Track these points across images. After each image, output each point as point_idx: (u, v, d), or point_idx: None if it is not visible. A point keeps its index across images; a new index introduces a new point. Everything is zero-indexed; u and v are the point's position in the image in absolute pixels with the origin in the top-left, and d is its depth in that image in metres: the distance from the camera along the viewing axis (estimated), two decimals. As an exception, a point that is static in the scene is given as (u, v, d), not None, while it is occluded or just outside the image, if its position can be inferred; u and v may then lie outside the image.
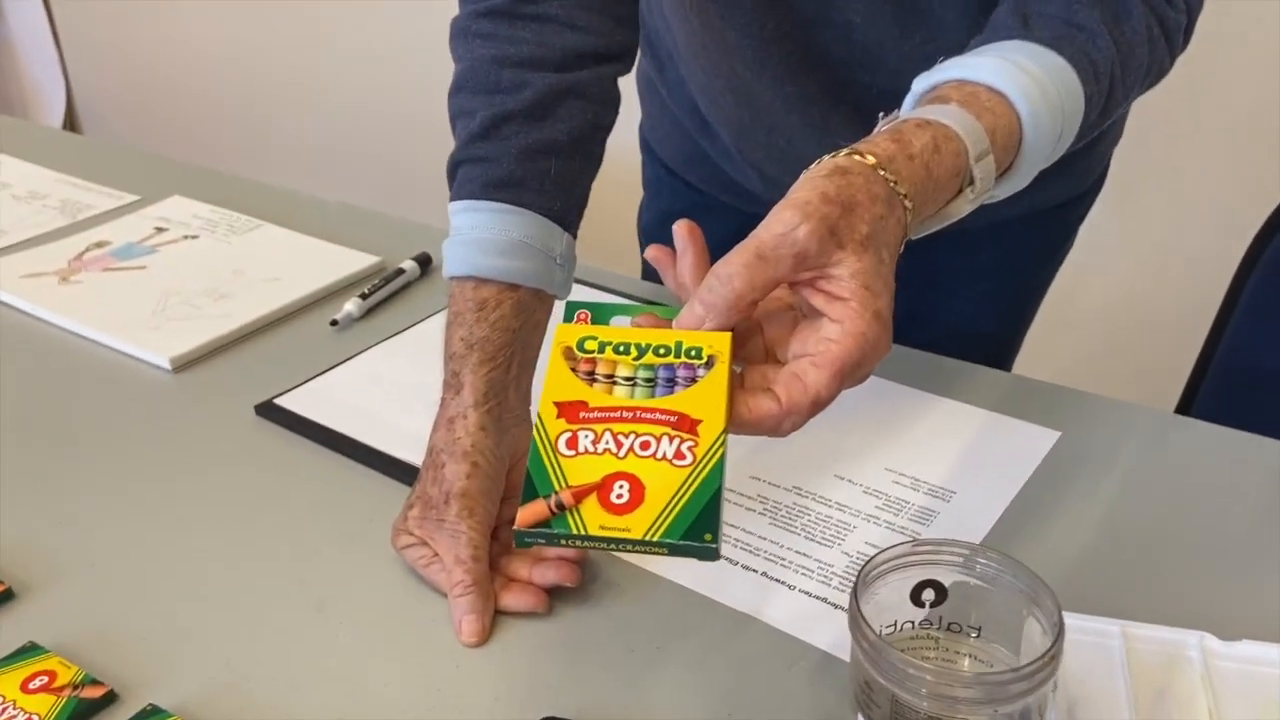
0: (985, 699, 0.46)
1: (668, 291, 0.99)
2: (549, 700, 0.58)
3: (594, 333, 0.51)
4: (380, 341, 0.91)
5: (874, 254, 0.49)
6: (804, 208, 0.48)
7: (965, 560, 0.53)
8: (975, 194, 0.55)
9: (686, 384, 0.49)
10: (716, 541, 0.44)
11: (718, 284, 0.48)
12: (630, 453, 0.47)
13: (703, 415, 0.47)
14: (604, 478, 0.46)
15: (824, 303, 0.49)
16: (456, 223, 0.67)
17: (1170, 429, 0.78)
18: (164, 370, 0.89)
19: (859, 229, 0.48)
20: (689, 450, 0.46)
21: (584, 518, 0.45)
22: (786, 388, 0.48)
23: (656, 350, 0.50)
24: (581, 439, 0.47)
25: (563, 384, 0.49)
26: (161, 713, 0.57)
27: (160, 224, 1.14)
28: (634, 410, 0.48)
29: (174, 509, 0.73)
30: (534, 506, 0.45)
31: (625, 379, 0.50)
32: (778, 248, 0.48)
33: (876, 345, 0.48)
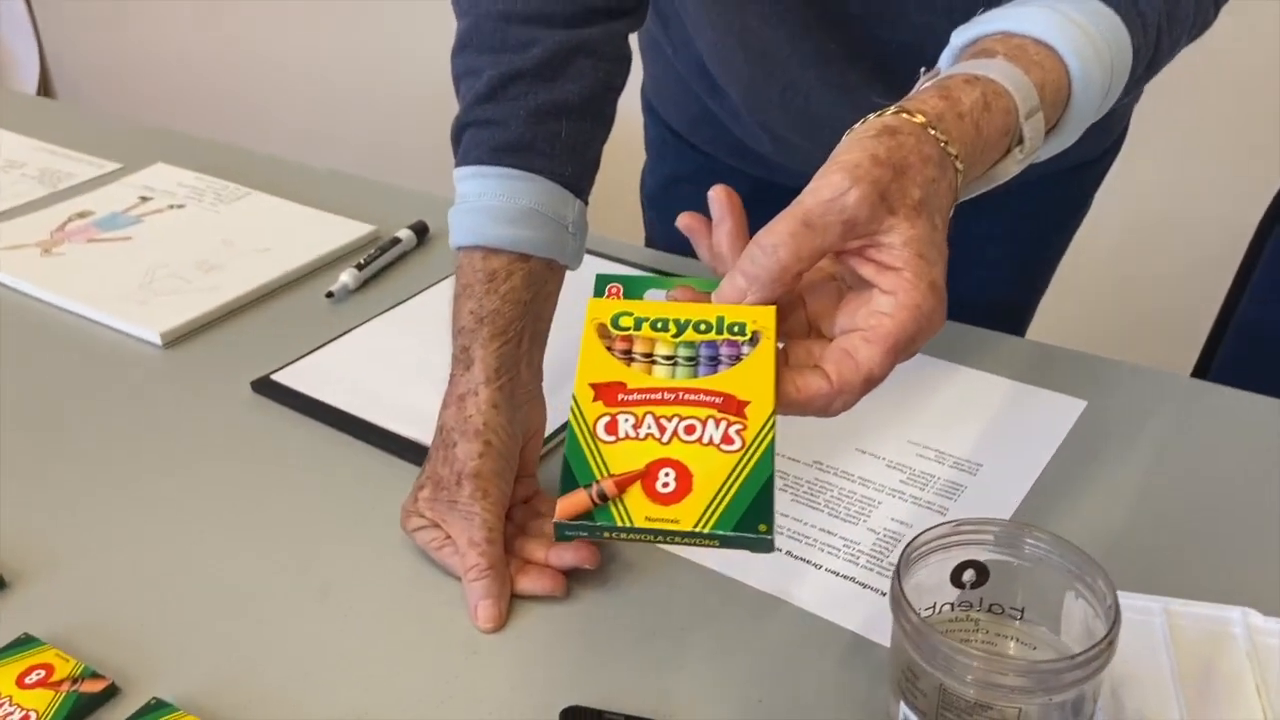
0: (1039, 687, 0.44)
1: (675, 260, 0.97)
2: (569, 689, 0.56)
3: (629, 308, 0.48)
4: (378, 314, 0.88)
5: (927, 220, 0.46)
6: (853, 171, 0.45)
7: (1011, 540, 0.50)
8: (1024, 154, 0.52)
9: (730, 362, 0.46)
10: (771, 533, 0.42)
11: (761, 255, 0.45)
12: (674, 437, 0.44)
13: (750, 396, 0.45)
14: (648, 465, 0.43)
15: (874, 273, 0.46)
16: (463, 190, 0.64)
17: (1199, 395, 0.76)
18: (154, 346, 0.86)
19: (911, 193, 0.45)
20: (737, 434, 0.44)
21: (628, 508, 0.42)
22: (837, 365, 0.45)
23: (697, 326, 0.47)
24: (621, 423, 0.44)
25: (598, 364, 0.46)
26: (166, 706, 0.55)
27: (144, 193, 1.10)
28: (676, 391, 0.45)
29: (170, 492, 0.70)
30: (574, 497, 0.42)
31: (665, 358, 0.47)
32: (825, 214, 0.45)
33: (932, 318, 0.45)
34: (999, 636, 0.52)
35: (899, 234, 0.45)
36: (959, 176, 0.48)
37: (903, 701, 0.48)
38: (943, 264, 0.46)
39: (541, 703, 0.55)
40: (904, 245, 0.45)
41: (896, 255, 0.45)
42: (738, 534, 0.41)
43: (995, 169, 0.52)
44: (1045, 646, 0.52)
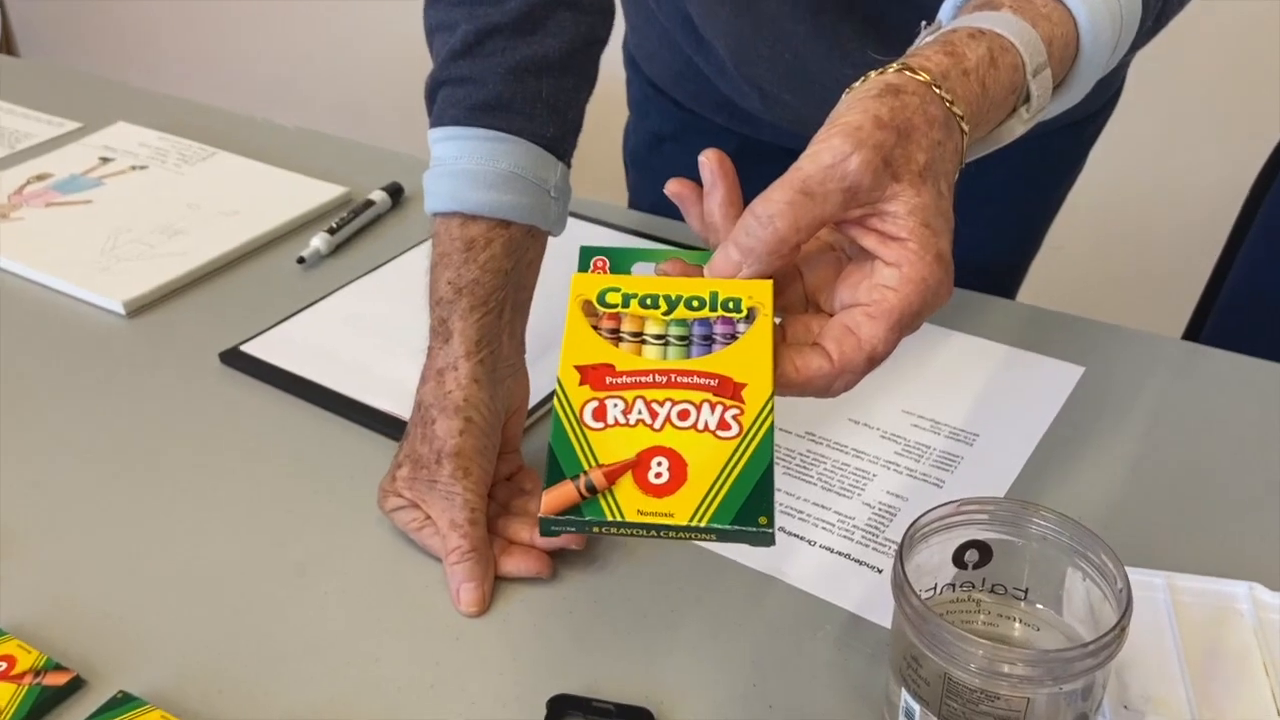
0: (1048, 676, 0.42)
1: (659, 223, 0.94)
2: (557, 673, 0.54)
3: (616, 283, 0.45)
4: (352, 280, 0.85)
5: (932, 186, 0.43)
6: (855, 134, 0.42)
7: (1016, 519, 0.48)
8: (1031, 113, 0.49)
9: (725, 341, 0.43)
10: (772, 525, 0.39)
11: (757, 225, 0.43)
12: (667, 424, 0.41)
13: (747, 378, 0.42)
14: (639, 454, 0.40)
15: (877, 244, 0.43)
16: (438, 152, 0.61)
17: (1199, 360, 0.74)
18: (117, 315, 0.82)
19: (916, 158, 0.43)
20: (734, 419, 0.41)
21: (619, 502, 0.39)
22: (838, 343, 0.43)
23: (689, 303, 0.44)
24: (610, 409, 0.42)
25: (584, 344, 0.43)
26: (134, 700, 0.52)
27: (105, 153, 1.06)
28: (668, 374, 0.42)
29: (135, 470, 0.67)
30: (561, 490, 0.40)
31: (655, 337, 0.44)
32: (825, 182, 0.42)
33: (939, 291, 0.43)
34: (1001, 617, 0.51)
35: (903, 202, 0.42)
36: (964, 138, 0.45)
37: (904, 689, 0.46)
38: (949, 233, 0.43)
39: (528, 690, 0.53)
40: (909, 214, 0.42)
41: (901, 225, 0.42)
42: (736, 527, 0.39)
43: (1000, 129, 0.49)
44: (1048, 627, 0.50)
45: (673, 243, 0.87)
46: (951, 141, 0.44)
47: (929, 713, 0.45)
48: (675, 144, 0.93)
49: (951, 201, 0.44)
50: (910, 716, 0.46)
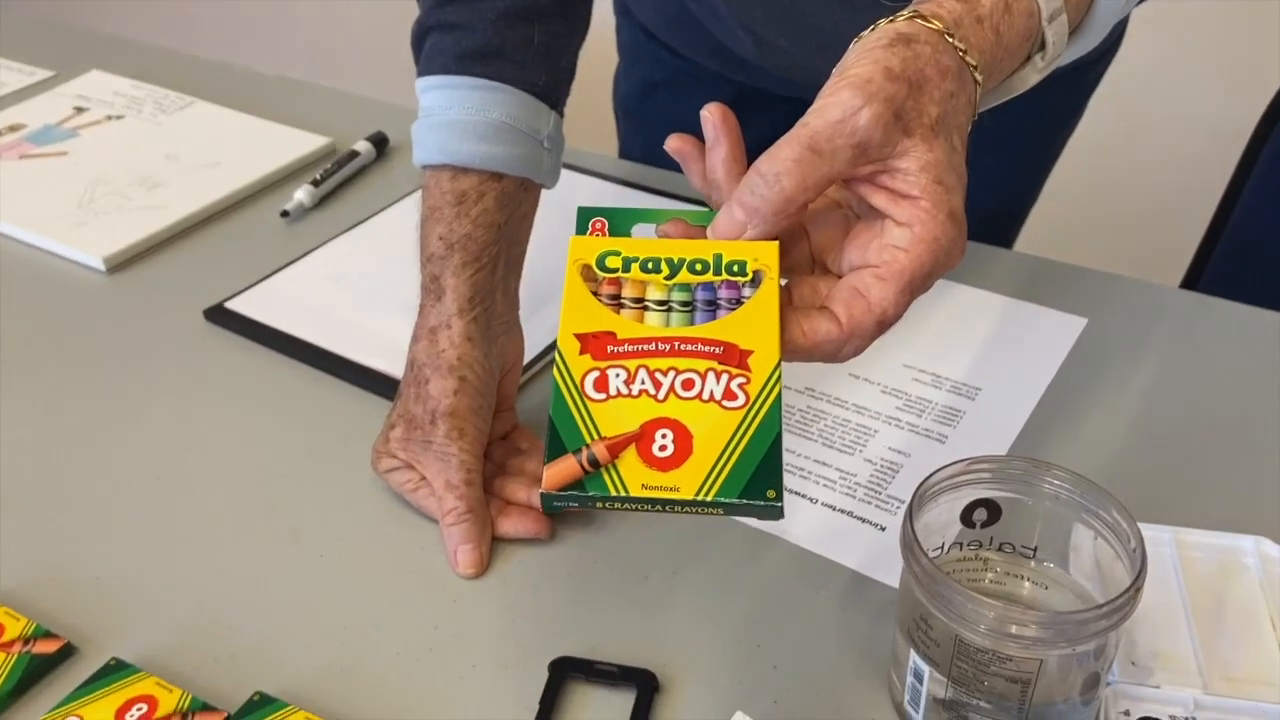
0: (1062, 638, 0.42)
1: (651, 173, 0.92)
2: (558, 636, 0.53)
3: (615, 246, 0.43)
4: (338, 235, 0.83)
5: (945, 141, 0.41)
6: (865, 87, 0.40)
7: (1028, 478, 0.47)
8: (1045, 61, 0.47)
9: (730, 307, 0.42)
10: (780, 498, 0.38)
11: (762, 184, 0.41)
12: (671, 394, 0.40)
13: (753, 344, 0.40)
14: (643, 426, 0.39)
15: (888, 202, 0.41)
16: (426, 102, 0.59)
17: (1203, 311, 0.73)
18: (97, 271, 0.80)
19: (928, 111, 0.41)
20: (740, 388, 0.40)
21: (623, 476, 0.38)
22: (847, 306, 0.41)
23: (692, 266, 0.42)
24: (612, 379, 0.40)
25: (584, 311, 0.42)
26: (127, 667, 0.51)
27: (79, 103, 1.02)
28: (671, 341, 0.41)
29: (120, 431, 0.66)
30: (563, 464, 0.38)
31: (658, 303, 0.42)
32: (834, 138, 0.40)
33: (951, 251, 0.41)
34: (1009, 575, 0.50)
35: (915, 158, 0.41)
36: (978, 89, 0.44)
37: (913, 649, 0.46)
38: (962, 190, 0.42)
39: (529, 653, 0.52)
40: (921, 171, 0.40)
41: (913, 182, 0.41)
42: (744, 501, 0.38)
43: (1013, 78, 0.48)
44: (1056, 585, 0.50)
45: (666, 194, 0.85)
46: (965, 93, 0.43)
47: (938, 674, 0.45)
48: (667, 92, 0.90)
49: (964, 156, 0.43)
50: (919, 677, 0.46)
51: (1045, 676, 0.43)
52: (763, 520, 0.39)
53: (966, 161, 0.44)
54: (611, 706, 0.50)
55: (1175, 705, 0.48)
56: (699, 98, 0.81)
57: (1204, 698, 0.48)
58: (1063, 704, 0.44)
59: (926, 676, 0.45)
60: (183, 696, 0.50)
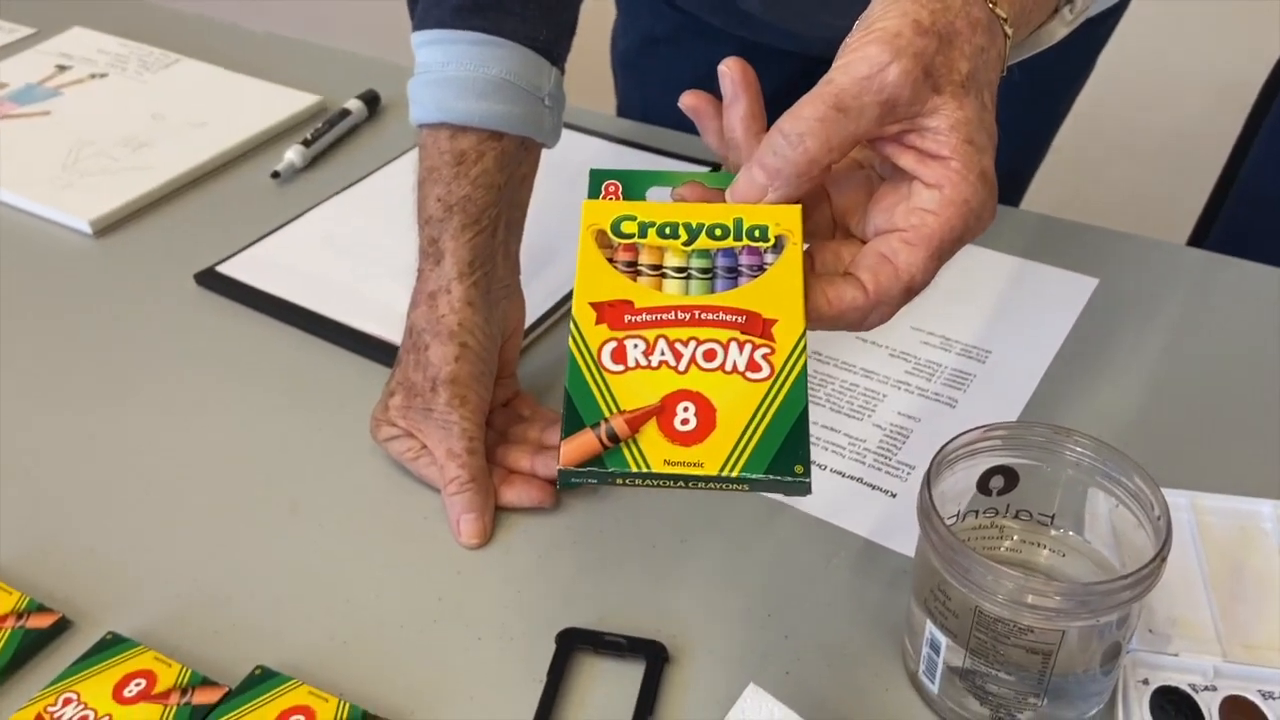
0: (1084, 609, 0.41)
1: (652, 132, 0.89)
2: (564, 606, 0.52)
3: (631, 210, 0.41)
4: (330, 196, 0.81)
5: (975, 98, 0.39)
6: (893, 42, 0.38)
7: (1048, 445, 0.46)
8: (1074, 13, 0.46)
9: (752, 274, 0.40)
10: (808, 474, 0.36)
11: (785, 145, 0.39)
12: (692, 365, 0.38)
13: (777, 313, 0.39)
14: (664, 399, 0.37)
15: (916, 163, 0.40)
16: (422, 58, 0.57)
17: (1215, 270, 0.72)
18: (84, 235, 0.78)
19: (959, 67, 0.39)
20: (764, 359, 0.38)
21: (644, 451, 0.36)
22: (873, 272, 0.40)
23: (711, 231, 0.41)
24: (630, 350, 0.38)
25: (600, 279, 0.40)
26: (124, 641, 0.50)
27: (62, 61, 1.00)
28: (691, 310, 0.39)
29: (112, 399, 0.64)
30: (581, 439, 0.37)
31: (676, 270, 0.40)
32: (861, 95, 0.38)
33: (981, 214, 0.40)
34: (1025, 543, 0.49)
35: (945, 116, 0.39)
36: (1007, 43, 0.42)
37: (930, 620, 0.45)
38: (993, 149, 0.40)
39: (535, 625, 0.51)
40: (950, 130, 0.39)
41: (942, 142, 0.39)
42: (771, 477, 0.36)
43: (1040, 31, 0.46)
44: (1074, 553, 0.49)
45: (666, 153, 0.83)
46: (995, 47, 0.41)
47: (956, 644, 0.44)
48: (669, 46, 0.88)
49: (994, 114, 0.41)
50: (935, 648, 0.45)
51: (1066, 647, 0.42)
52: (789, 496, 0.37)
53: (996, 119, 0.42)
54: (621, 678, 0.49)
55: (1194, 673, 0.47)
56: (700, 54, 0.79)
57: (1223, 665, 0.48)
58: (1083, 674, 0.44)
59: (943, 647, 0.45)
60: (182, 671, 0.48)
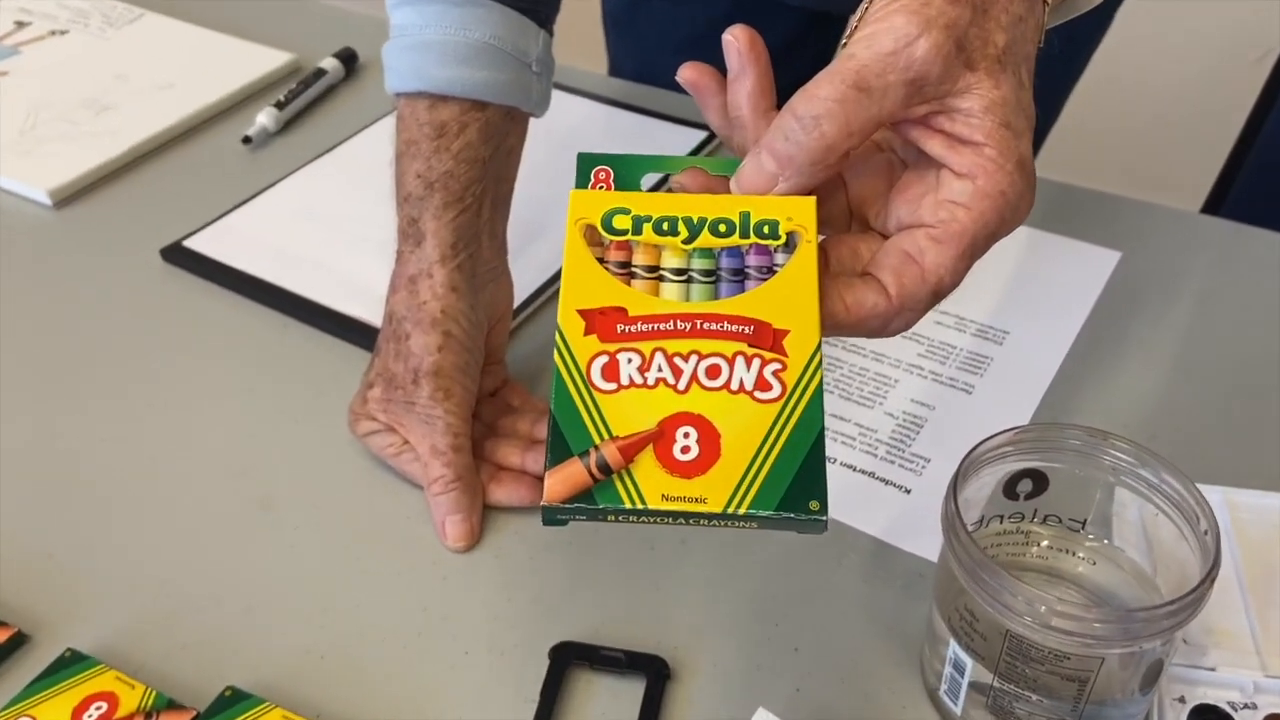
0: (1126, 637, 0.37)
1: (644, 93, 0.84)
2: (558, 616, 0.48)
3: (624, 202, 0.37)
4: (306, 163, 0.76)
5: (1012, 75, 0.35)
6: (922, 11, 0.34)
7: (1085, 449, 0.43)
8: None
9: (761, 276, 0.35)
10: (825, 510, 0.32)
11: (799, 128, 0.34)
12: (694, 383, 0.34)
13: (789, 323, 0.34)
14: (661, 422, 0.33)
15: (945, 149, 0.35)
16: (398, 20, 0.52)
17: (1244, 242, 0.68)
18: (43, 206, 0.74)
19: (995, 39, 0.35)
20: (775, 376, 0.34)
21: (639, 484, 0.32)
22: (897, 274, 0.36)
23: (714, 227, 0.36)
24: (624, 365, 0.34)
25: (589, 282, 0.35)
26: (85, 660, 0.46)
27: (21, 17, 0.94)
28: (693, 319, 0.35)
29: (70, 385, 0.60)
30: (567, 470, 0.32)
31: (676, 272, 0.36)
32: (885, 73, 0.34)
33: (1018, 208, 0.36)
34: (1054, 550, 0.46)
35: (979, 97, 0.34)
36: (1046, 9, 0.37)
37: (955, 639, 0.41)
38: (1030, 133, 0.36)
39: (527, 637, 0.48)
40: (985, 112, 0.34)
41: (976, 126, 0.34)
42: (783, 514, 0.32)
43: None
44: (1105, 560, 0.45)
45: (662, 116, 0.78)
46: (1034, 16, 0.36)
47: (984, 667, 0.41)
48: (662, 2, 0.83)
49: (1032, 92, 0.36)
50: (960, 669, 0.42)
51: (1105, 672, 0.39)
52: (802, 534, 0.33)
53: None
54: (619, 696, 0.45)
55: (1233, 689, 0.44)
56: (697, 8, 0.74)
57: (1264, 680, 0.44)
58: (1121, 697, 0.40)
59: (969, 669, 0.41)
60: (146, 693, 0.45)
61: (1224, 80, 1.26)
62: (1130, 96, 1.57)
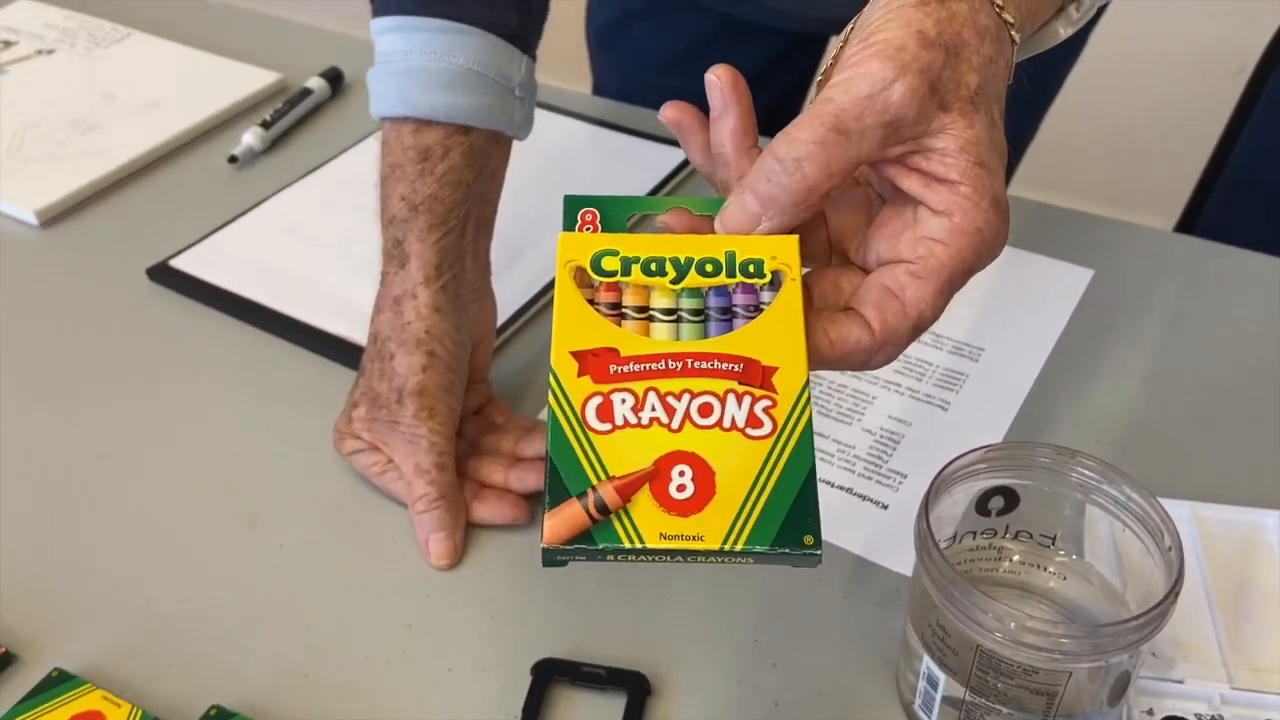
0: (1094, 651, 0.38)
1: (629, 113, 0.85)
2: (541, 633, 0.49)
3: (612, 244, 0.37)
4: (291, 183, 0.77)
5: (985, 115, 0.36)
6: (896, 56, 0.35)
7: (1053, 467, 0.44)
8: (1081, 12, 0.42)
9: (748, 315, 0.36)
10: (819, 544, 0.33)
11: (781, 170, 0.35)
12: (687, 421, 0.34)
13: (777, 360, 0.35)
14: (657, 462, 0.34)
15: (922, 188, 0.36)
16: (384, 46, 0.53)
17: (1215, 260, 0.69)
18: (29, 226, 0.74)
19: (967, 81, 0.36)
20: (766, 413, 0.34)
21: (637, 523, 0.33)
22: (879, 309, 0.36)
23: (701, 267, 0.37)
24: (617, 406, 0.35)
25: (580, 324, 0.36)
26: (71, 680, 0.47)
27: (7, 36, 0.94)
28: (683, 358, 0.35)
29: (57, 404, 0.61)
30: (566, 511, 0.33)
31: (665, 312, 0.37)
32: (862, 116, 0.35)
33: (994, 243, 0.37)
34: (1025, 565, 0.47)
35: (953, 137, 0.35)
36: (1015, 49, 0.38)
37: (928, 655, 0.42)
38: (1003, 170, 0.37)
39: (510, 654, 0.48)
40: (960, 151, 0.35)
41: (951, 164, 0.36)
42: (779, 550, 0.33)
43: (1043, 32, 0.43)
44: (1075, 575, 0.46)
45: (645, 135, 0.79)
46: (1003, 57, 0.37)
47: (956, 682, 0.41)
48: (646, 22, 0.84)
49: (1004, 130, 0.38)
50: (933, 684, 0.43)
51: (1073, 685, 0.40)
52: (797, 568, 0.34)
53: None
54: (600, 712, 0.46)
55: (1200, 701, 0.45)
56: (679, 28, 0.75)
57: (1230, 692, 0.46)
58: (1089, 710, 0.41)
59: (942, 684, 0.42)
60: (132, 712, 0.45)
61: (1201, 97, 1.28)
62: (1107, 114, 1.59)
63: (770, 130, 0.38)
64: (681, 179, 0.76)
